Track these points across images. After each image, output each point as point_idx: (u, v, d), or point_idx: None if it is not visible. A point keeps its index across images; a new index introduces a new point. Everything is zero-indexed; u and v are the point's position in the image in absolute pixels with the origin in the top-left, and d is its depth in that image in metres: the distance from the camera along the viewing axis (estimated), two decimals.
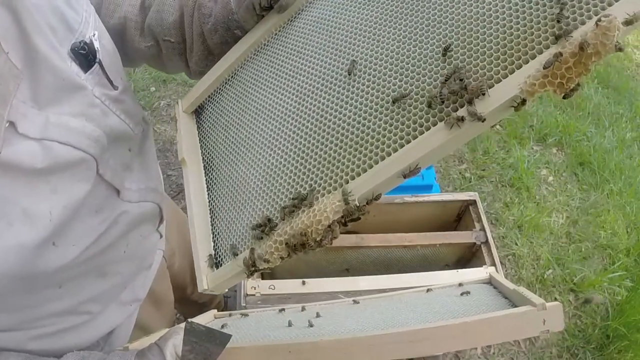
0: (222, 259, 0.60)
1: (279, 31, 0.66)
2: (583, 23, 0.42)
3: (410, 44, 0.52)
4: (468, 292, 0.72)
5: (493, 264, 1.29)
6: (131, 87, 0.70)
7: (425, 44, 0.50)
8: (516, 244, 1.92)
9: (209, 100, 0.72)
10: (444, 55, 0.48)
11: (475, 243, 1.34)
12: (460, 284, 0.79)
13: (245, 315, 0.81)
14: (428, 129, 0.46)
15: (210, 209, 0.65)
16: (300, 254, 0.50)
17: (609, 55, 0.40)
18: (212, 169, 0.67)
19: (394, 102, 0.49)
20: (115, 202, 0.61)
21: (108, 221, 0.59)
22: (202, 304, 1.29)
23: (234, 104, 0.67)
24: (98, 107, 0.55)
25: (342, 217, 0.48)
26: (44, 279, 0.52)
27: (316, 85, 0.57)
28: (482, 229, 1.37)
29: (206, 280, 0.59)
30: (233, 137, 0.65)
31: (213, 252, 0.61)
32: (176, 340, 0.50)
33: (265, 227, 0.53)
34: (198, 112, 0.74)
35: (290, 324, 0.69)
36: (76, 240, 0.54)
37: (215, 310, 0.84)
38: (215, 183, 0.66)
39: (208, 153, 0.69)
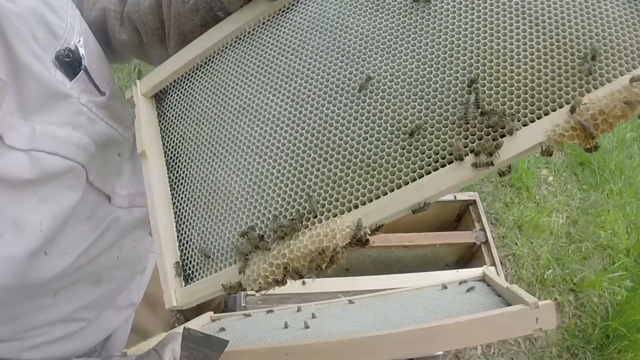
0: (193, 272, 0.54)
1: (269, 21, 0.59)
2: (609, 81, 0.41)
3: (432, 67, 0.47)
4: (473, 288, 0.72)
5: (493, 264, 1.29)
6: (120, 91, 0.68)
7: (448, 70, 0.47)
8: (516, 244, 1.92)
9: (174, 86, 0.64)
10: (469, 86, 0.45)
11: (475, 243, 1.35)
12: (461, 282, 0.79)
13: (248, 315, 0.80)
14: (450, 162, 0.44)
15: (175, 212, 0.58)
16: (297, 279, 0.47)
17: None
18: (178, 167, 0.60)
19: (411, 135, 0.45)
20: (106, 209, 0.61)
21: (100, 228, 0.59)
22: (200, 305, 1.28)
23: (209, 96, 0.59)
24: (85, 115, 0.54)
25: (349, 243, 0.45)
26: (38, 288, 0.52)
27: (317, 92, 0.52)
28: (482, 229, 1.37)
29: (175, 297, 0.53)
30: (208, 134, 0.58)
31: (181, 263, 0.55)
32: (174, 345, 0.50)
33: (254, 244, 0.48)
34: (159, 98, 0.65)
35: (286, 326, 0.69)
36: (68, 248, 0.54)
37: (212, 312, 0.84)
38: (181, 183, 0.59)
39: (172, 147, 0.61)
